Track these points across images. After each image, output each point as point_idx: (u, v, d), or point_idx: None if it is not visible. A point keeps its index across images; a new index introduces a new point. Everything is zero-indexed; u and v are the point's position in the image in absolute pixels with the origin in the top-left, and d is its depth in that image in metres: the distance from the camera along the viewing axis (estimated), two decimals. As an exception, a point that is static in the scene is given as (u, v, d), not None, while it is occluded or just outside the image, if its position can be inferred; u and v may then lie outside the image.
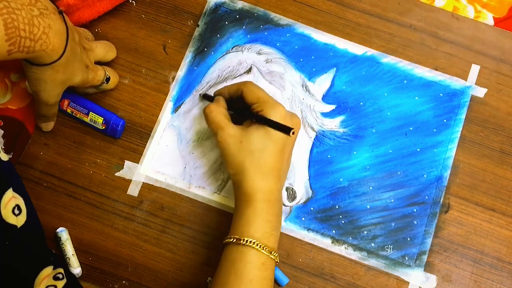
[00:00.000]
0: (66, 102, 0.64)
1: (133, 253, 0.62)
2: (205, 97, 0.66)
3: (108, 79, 0.64)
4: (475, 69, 0.68)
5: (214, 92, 0.64)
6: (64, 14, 0.55)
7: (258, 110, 0.58)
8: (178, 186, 0.64)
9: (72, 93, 0.64)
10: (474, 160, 0.65)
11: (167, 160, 0.65)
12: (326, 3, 0.70)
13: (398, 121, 0.66)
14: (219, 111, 0.59)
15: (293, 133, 0.54)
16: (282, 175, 0.58)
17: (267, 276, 0.53)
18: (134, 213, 0.63)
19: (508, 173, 0.65)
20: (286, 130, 0.54)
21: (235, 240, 0.54)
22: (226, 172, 0.65)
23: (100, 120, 0.63)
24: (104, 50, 0.64)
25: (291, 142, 0.59)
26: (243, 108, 0.60)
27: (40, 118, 0.63)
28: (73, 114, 0.64)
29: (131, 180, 0.64)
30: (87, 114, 0.64)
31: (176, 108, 0.66)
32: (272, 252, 0.54)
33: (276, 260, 0.54)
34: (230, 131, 0.57)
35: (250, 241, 0.53)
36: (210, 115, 0.59)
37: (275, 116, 0.56)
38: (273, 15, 0.69)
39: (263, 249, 0.53)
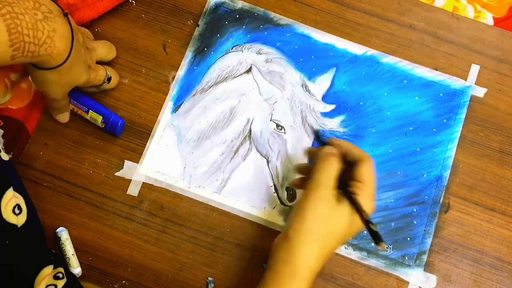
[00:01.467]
0: None
1: (133, 253, 0.62)
2: (317, 137, 0.62)
3: (109, 79, 0.64)
4: (475, 69, 0.68)
5: (331, 139, 0.57)
6: (69, 16, 0.55)
7: (353, 190, 0.52)
8: (178, 186, 0.64)
9: (73, 90, 0.64)
10: (474, 160, 0.65)
11: (167, 160, 0.65)
12: (326, 3, 0.70)
13: (398, 121, 0.66)
14: (338, 168, 0.53)
15: (382, 247, 0.50)
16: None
17: None
18: (134, 213, 0.63)
19: (508, 173, 0.65)
20: (377, 240, 0.49)
21: None
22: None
23: (99, 118, 0.63)
24: (105, 50, 0.64)
25: (350, 238, 0.55)
26: (343, 181, 0.54)
27: (53, 110, 0.63)
28: (74, 110, 0.64)
29: (131, 180, 0.64)
30: (87, 112, 0.64)
31: (176, 108, 0.66)
32: None
33: None
34: (330, 196, 0.51)
35: None
36: (330, 166, 0.52)
37: (366, 206, 0.51)
38: (273, 15, 0.69)
39: None
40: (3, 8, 0.47)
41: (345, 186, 0.53)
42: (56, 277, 0.55)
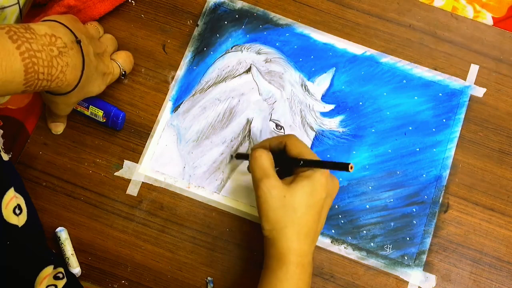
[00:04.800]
0: None
1: (133, 252, 0.62)
2: (239, 156, 0.64)
3: (124, 74, 0.64)
4: (474, 69, 0.68)
5: (254, 146, 0.60)
6: (81, 44, 0.54)
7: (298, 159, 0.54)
8: (177, 185, 0.64)
9: None
10: (473, 159, 0.66)
11: (167, 159, 0.65)
12: (326, 3, 0.70)
13: (397, 120, 0.66)
14: (268, 158, 0.54)
15: (351, 167, 0.48)
16: (316, 237, 0.55)
17: None
18: (133, 212, 0.63)
19: (507, 173, 0.65)
20: (344, 167, 0.48)
21: None
22: (260, 224, 0.58)
23: (100, 113, 0.63)
24: (112, 45, 0.64)
25: (329, 204, 0.55)
26: (288, 160, 0.55)
27: (49, 116, 0.64)
28: (74, 107, 0.64)
29: (131, 179, 0.64)
30: (87, 108, 0.63)
31: (175, 108, 0.66)
32: None
33: None
34: (275, 182, 0.52)
35: None
36: (259, 159, 0.54)
37: (319, 172, 0.53)
38: (273, 15, 0.69)
39: None
40: (22, 45, 0.47)
41: (290, 163, 0.55)
42: (56, 277, 0.55)
